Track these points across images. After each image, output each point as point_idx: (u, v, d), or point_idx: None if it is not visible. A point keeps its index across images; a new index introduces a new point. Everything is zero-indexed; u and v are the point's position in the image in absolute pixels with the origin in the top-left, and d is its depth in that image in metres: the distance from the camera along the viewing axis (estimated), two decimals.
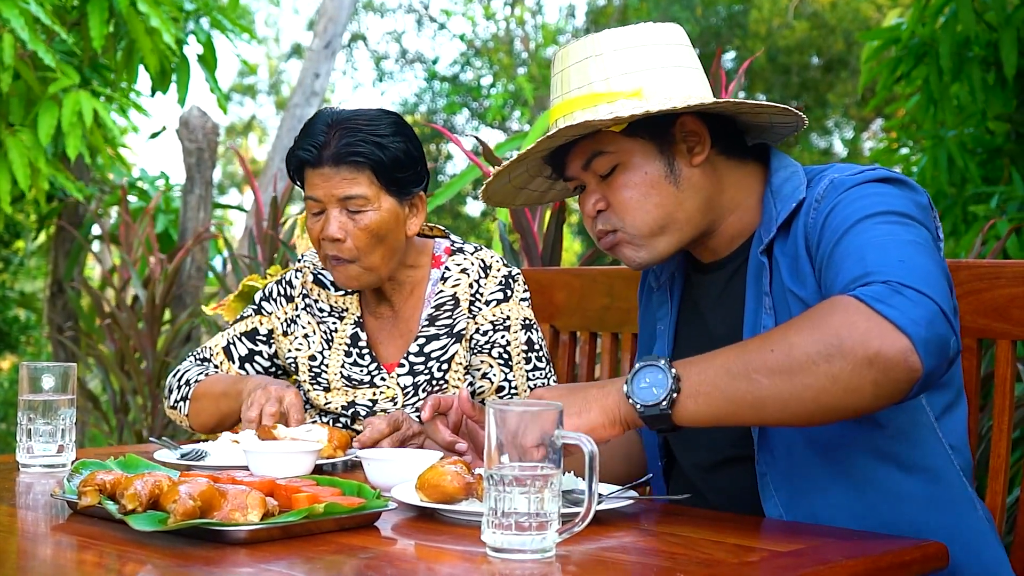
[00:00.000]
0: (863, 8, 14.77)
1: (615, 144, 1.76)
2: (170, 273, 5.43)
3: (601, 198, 1.79)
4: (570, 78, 1.78)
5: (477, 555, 1.37)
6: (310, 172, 2.23)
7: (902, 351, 1.43)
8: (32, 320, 8.39)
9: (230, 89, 19.79)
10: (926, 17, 5.11)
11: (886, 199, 1.64)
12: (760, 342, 1.50)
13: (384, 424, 2.05)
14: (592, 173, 1.79)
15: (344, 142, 2.19)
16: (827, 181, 1.70)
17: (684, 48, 1.80)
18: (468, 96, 16.97)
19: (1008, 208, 4.92)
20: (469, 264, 2.33)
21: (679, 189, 1.76)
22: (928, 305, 1.46)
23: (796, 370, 1.46)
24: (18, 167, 4.55)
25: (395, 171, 2.21)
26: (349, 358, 2.33)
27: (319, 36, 9.59)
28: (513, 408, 1.34)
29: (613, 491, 1.67)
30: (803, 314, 1.51)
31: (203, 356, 2.42)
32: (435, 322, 2.30)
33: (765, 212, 1.78)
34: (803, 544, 1.46)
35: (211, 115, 6.25)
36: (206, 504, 1.41)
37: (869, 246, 1.56)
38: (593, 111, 1.73)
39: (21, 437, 1.96)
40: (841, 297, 1.49)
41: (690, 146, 1.77)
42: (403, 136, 2.24)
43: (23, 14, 4.28)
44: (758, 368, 1.48)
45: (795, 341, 1.46)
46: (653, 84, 1.74)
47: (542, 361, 2.32)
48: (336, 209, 2.20)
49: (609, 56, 1.75)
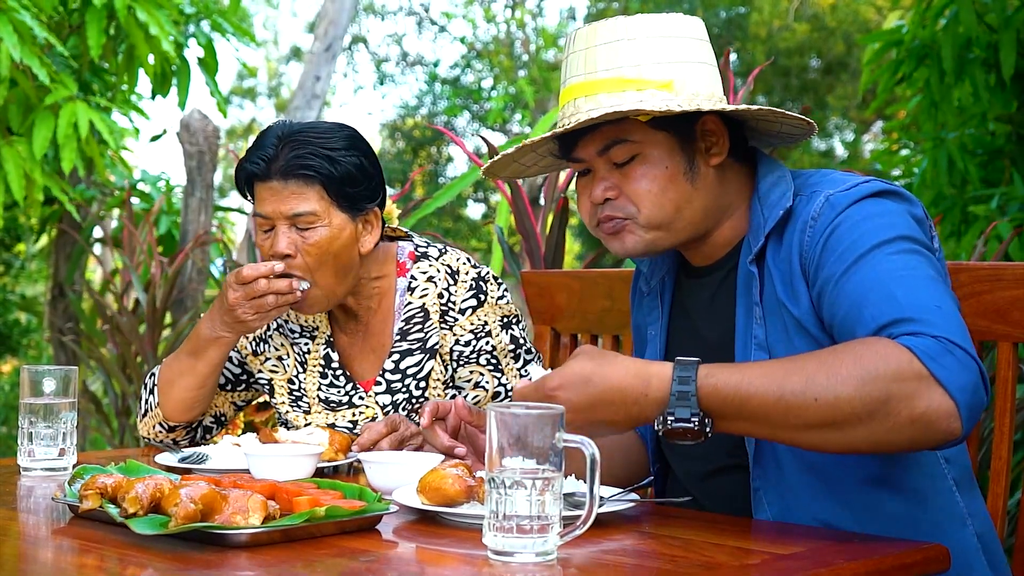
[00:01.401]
0: (863, 10, 14.78)
1: (639, 134, 1.73)
2: (171, 276, 5.43)
3: (612, 186, 1.76)
4: (597, 58, 1.73)
5: (478, 558, 1.37)
6: (259, 186, 2.15)
7: (947, 416, 1.43)
8: (33, 323, 8.40)
9: (230, 92, 19.81)
10: (927, 19, 5.11)
11: (889, 219, 1.63)
12: (802, 385, 1.46)
13: (382, 425, 2.04)
14: (607, 160, 1.76)
15: (293, 154, 2.12)
16: (822, 199, 1.68)
17: (707, 45, 1.78)
18: (469, 99, 16.98)
19: (1009, 209, 4.92)
20: (435, 271, 2.26)
21: (695, 187, 1.75)
22: (975, 370, 1.46)
23: (837, 426, 1.46)
24: (13, 178, 4.55)
25: (346, 185, 2.14)
26: (325, 380, 2.29)
27: (320, 39, 9.60)
28: (514, 411, 1.34)
29: (614, 494, 1.67)
30: (849, 354, 1.46)
31: None
32: (407, 336, 2.24)
33: (753, 218, 1.77)
34: (803, 547, 1.46)
35: (212, 118, 6.25)
36: (207, 507, 1.41)
37: (894, 282, 1.54)
38: (620, 96, 1.70)
39: (22, 441, 1.96)
40: (890, 345, 1.46)
41: (708, 146, 1.76)
42: (357, 151, 2.17)
43: (18, 27, 4.27)
44: (798, 421, 1.47)
45: (841, 393, 1.44)
46: (683, 78, 1.72)
47: (530, 353, 2.28)
48: (285, 225, 2.13)
49: (642, 42, 1.72)
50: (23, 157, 4.59)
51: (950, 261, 1.90)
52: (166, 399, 2.27)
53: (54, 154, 4.94)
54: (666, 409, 1.51)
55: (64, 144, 4.56)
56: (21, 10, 4.29)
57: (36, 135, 4.55)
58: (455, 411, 1.86)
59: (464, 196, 16.03)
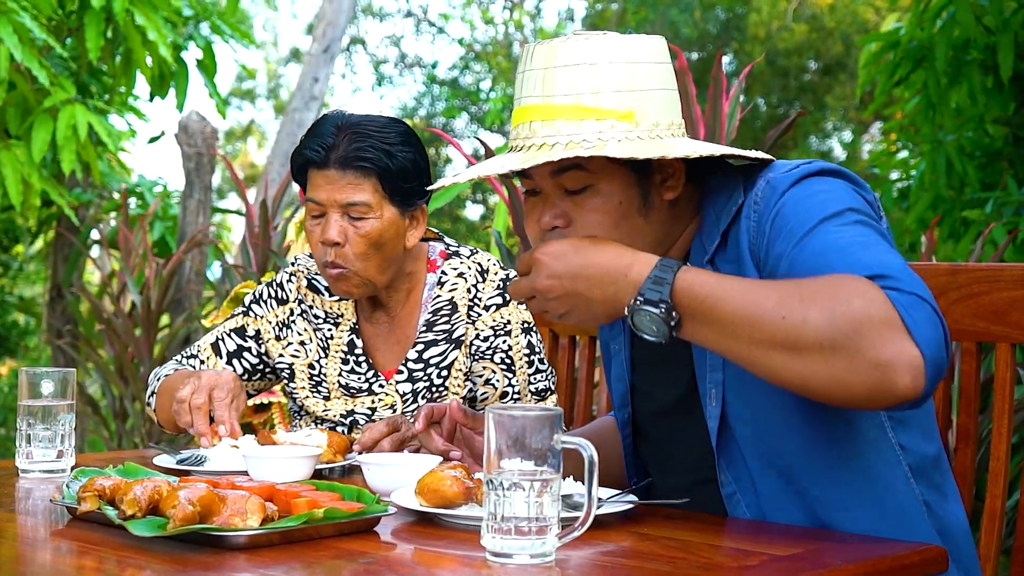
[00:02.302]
0: (862, 11, 14.79)
1: (596, 165, 1.66)
2: (165, 278, 5.42)
3: (562, 214, 1.68)
4: (555, 81, 1.65)
5: (477, 559, 1.37)
6: (314, 173, 2.20)
7: (912, 368, 1.38)
8: (31, 325, 8.39)
9: (229, 94, 19.80)
10: (924, 21, 5.12)
11: (835, 195, 1.59)
12: (775, 302, 1.43)
13: (383, 425, 2.04)
14: (558, 184, 1.68)
15: (354, 146, 2.16)
16: (763, 181, 1.64)
17: (668, 67, 1.72)
18: (467, 100, 16.98)
19: (1004, 213, 4.92)
20: (466, 268, 2.31)
21: (647, 221, 1.69)
22: (942, 328, 1.42)
23: (799, 351, 1.42)
24: (11, 182, 4.55)
25: (401, 181, 2.19)
26: (346, 366, 2.31)
27: (318, 40, 9.60)
28: (513, 412, 1.34)
29: (613, 495, 1.67)
30: (827, 283, 1.43)
31: (190, 353, 2.39)
32: (433, 328, 2.29)
33: (706, 221, 1.72)
34: (802, 548, 1.46)
35: (210, 120, 6.25)
36: (205, 509, 1.41)
37: (853, 247, 1.50)
38: (579, 125, 1.63)
39: (20, 442, 1.96)
40: (869, 284, 1.41)
41: (664, 178, 1.70)
42: (411, 146, 2.21)
43: (18, 28, 4.27)
44: (764, 335, 1.43)
45: (810, 317, 1.40)
46: (644, 107, 1.65)
47: (544, 364, 2.32)
48: (337, 213, 2.18)
49: (603, 68, 1.64)
50: (21, 161, 4.59)
51: (948, 263, 1.89)
52: (161, 409, 2.30)
53: (52, 157, 4.94)
54: (632, 302, 1.50)
55: (63, 146, 4.56)
56: (20, 11, 4.29)
57: (35, 138, 4.55)
58: (450, 414, 1.86)
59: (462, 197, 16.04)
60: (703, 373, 1.70)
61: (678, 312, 1.49)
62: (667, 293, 1.48)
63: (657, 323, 1.49)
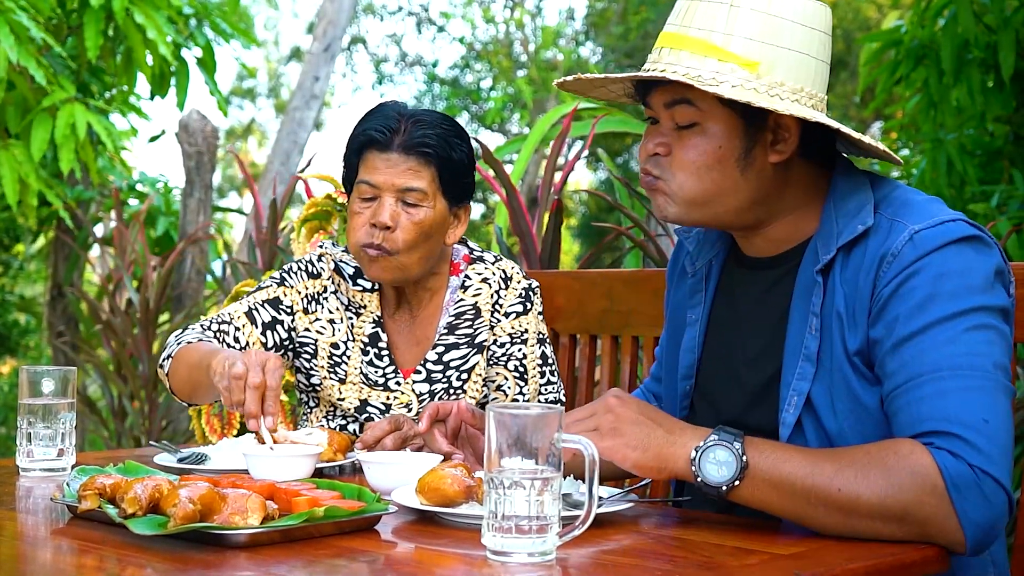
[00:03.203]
0: (864, 8, 14.78)
1: (707, 104, 1.66)
2: (163, 276, 5.42)
3: (665, 143, 1.70)
4: (695, 13, 1.67)
5: (477, 558, 1.37)
6: (374, 155, 2.20)
7: (952, 544, 1.48)
8: (32, 324, 8.39)
9: (229, 92, 19.80)
10: (925, 19, 5.11)
11: (970, 280, 1.57)
12: (832, 472, 1.49)
13: (385, 423, 2.04)
14: (670, 116, 1.69)
15: (419, 132, 2.19)
16: (907, 235, 1.60)
17: (818, 35, 1.68)
18: (468, 99, 16.97)
19: (1009, 207, 4.92)
20: (490, 274, 2.32)
21: (743, 176, 1.68)
22: (998, 505, 1.48)
23: (853, 517, 1.49)
24: (8, 182, 4.55)
25: (456, 175, 2.22)
26: (366, 356, 2.31)
27: (319, 39, 9.59)
28: (514, 411, 1.34)
29: (613, 494, 1.67)
30: (880, 462, 1.49)
31: (222, 319, 2.29)
32: (455, 331, 2.29)
33: (825, 225, 1.69)
34: (803, 547, 1.47)
35: (211, 118, 6.25)
36: (206, 508, 1.41)
37: (952, 376, 1.52)
38: (701, 61, 1.64)
39: (21, 441, 1.96)
40: (924, 460, 1.48)
41: (775, 140, 1.68)
42: (466, 142, 2.25)
43: (16, 28, 4.26)
44: (821, 499, 1.50)
45: (863, 493, 1.48)
46: (771, 62, 1.64)
47: (555, 376, 2.33)
48: (392, 197, 2.19)
49: (743, 12, 1.64)
50: (19, 161, 4.59)
51: None
52: (174, 374, 2.20)
53: (52, 156, 4.94)
54: (704, 442, 1.52)
55: (62, 145, 4.56)
56: (18, 11, 4.28)
57: (34, 137, 4.55)
58: (456, 412, 1.86)
59: None
60: (789, 379, 1.69)
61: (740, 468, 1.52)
62: (738, 438, 1.52)
63: (727, 464, 1.51)
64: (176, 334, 2.27)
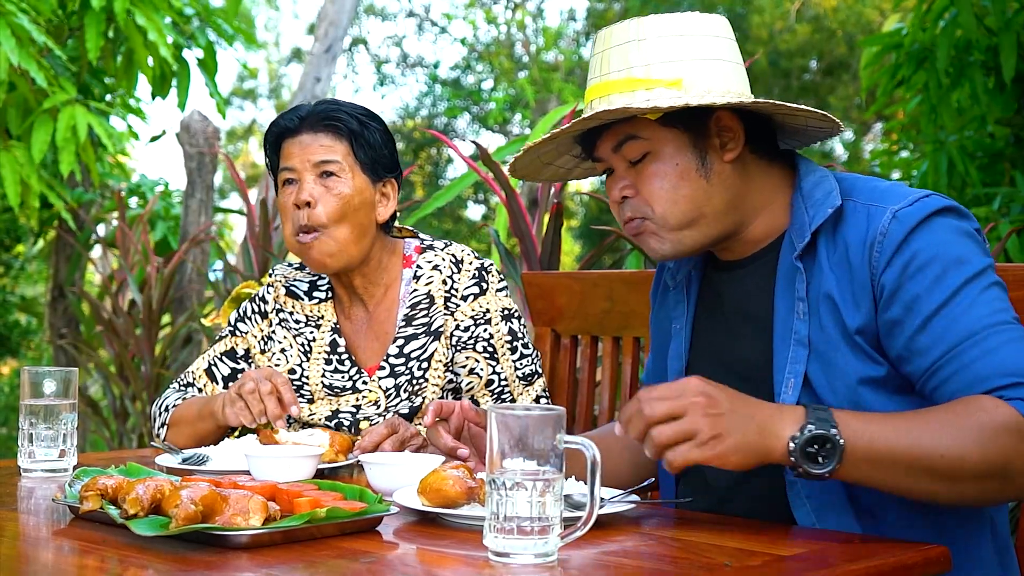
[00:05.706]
0: (866, 12, 14.78)
1: (649, 131, 1.74)
2: (165, 277, 5.42)
3: (628, 184, 1.77)
4: (610, 60, 1.76)
5: (479, 559, 1.37)
6: (288, 143, 2.29)
7: None
8: (33, 325, 8.39)
9: (230, 93, 19.81)
10: (926, 22, 5.11)
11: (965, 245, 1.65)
12: (930, 440, 1.52)
13: (383, 428, 2.05)
14: (622, 157, 1.77)
15: (324, 108, 2.28)
16: (888, 215, 1.66)
17: (726, 41, 1.78)
18: (469, 100, 16.98)
19: (1011, 210, 4.92)
20: (440, 260, 2.33)
21: (709, 183, 1.74)
22: None
23: (960, 482, 1.52)
24: (9, 183, 4.55)
25: (370, 148, 2.28)
26: (329, 366, 2.32)
27: (320, 40, 9.60)
28: (516, 412, 1.34)
29: (615, 495, 1.67)
30: (971, 416, 1.52)
31: (186, 381, 2.42)
32: (412, 322, 2.30)
33: (796, 216, 1.76)
34: (805, 548, 1.47)
35: (212, 119, 6.25)
36: (208, 509, 1.41)
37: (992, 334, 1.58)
38: (630, 96, 1.72)
39: (23, 442, 1.96)
40: (1005, 409, 1.52)
41: (723, 142, 1.75)
42: (379, 123, 2.33)
43: (16, 31, 4.26)
44: (924, 469, 1.52)
45: (966, 455, 1.51)
46: (693, 75, 1.72)
47: (528, 348, 2.32)
48: (311, 176, 2.25)
49: (652, 42, 1.73)
50: (20, 162, 4.59)
51: None
52: (175, 439, 2.30)
53: (53, 157, 4.94)
54: (804, 422, 1.51)
55: (63, 147, 4.56)
56: (19, 13, 4.28)
57: (35, 139, 4.56)
58: (460, 411, 1.86)
59: (464, 197, 16.04)
60: (782, 364, 1.72)
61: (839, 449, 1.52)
62: (832, 422, 1.52)
63: (826, 451, 1.51)
64: (157, 403, 2.40)
